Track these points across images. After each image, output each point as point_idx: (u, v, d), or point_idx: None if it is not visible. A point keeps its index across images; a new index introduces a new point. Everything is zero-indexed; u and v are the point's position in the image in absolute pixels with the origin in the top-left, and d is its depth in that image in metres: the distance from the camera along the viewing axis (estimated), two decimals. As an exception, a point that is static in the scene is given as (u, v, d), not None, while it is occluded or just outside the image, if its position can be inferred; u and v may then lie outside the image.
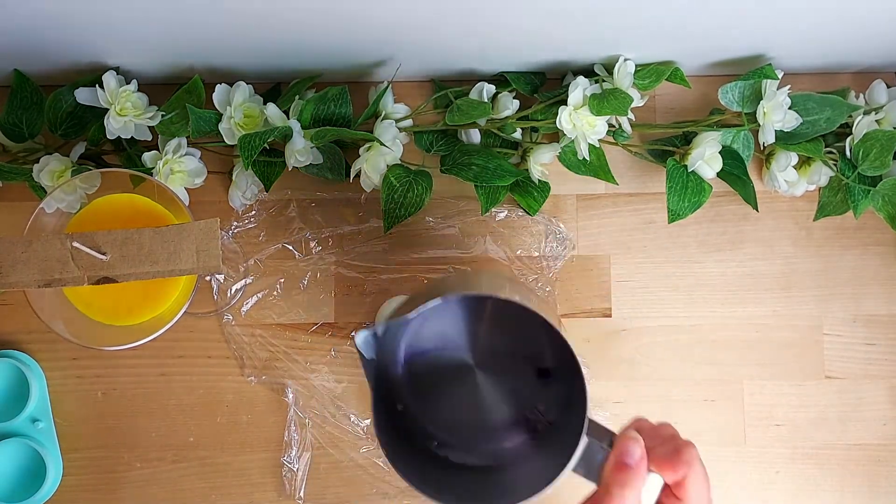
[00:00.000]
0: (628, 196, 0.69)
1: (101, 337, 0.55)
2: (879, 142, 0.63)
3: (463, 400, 0.56)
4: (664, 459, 0.47)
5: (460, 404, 0.56)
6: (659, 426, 0.50)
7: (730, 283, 0.69)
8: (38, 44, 0.59)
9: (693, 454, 0.47)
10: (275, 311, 0.68)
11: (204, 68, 0.64)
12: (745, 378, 0.68)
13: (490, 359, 0.56)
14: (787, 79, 0.65)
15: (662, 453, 0.47)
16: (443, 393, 0.56)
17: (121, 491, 0.66)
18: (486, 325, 0.56)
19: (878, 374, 0.68)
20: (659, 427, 0.49)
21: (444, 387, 0.56)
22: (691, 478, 0.46)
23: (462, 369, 0.56)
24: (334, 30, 0.58)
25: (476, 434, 0.56)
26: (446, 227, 0.68)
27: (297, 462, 0.66)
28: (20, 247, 0.50)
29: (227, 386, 0.67)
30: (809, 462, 0.68)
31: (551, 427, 0.55)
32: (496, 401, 0.56)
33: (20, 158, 0.65)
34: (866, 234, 0.69)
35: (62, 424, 0.66)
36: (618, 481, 0.46)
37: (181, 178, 0.63)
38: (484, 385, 0.56)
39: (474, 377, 0.56)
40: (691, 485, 0.46)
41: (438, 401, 0.56)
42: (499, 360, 0.56)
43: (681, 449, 0.47)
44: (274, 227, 0.68)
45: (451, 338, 0.56)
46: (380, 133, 0.64)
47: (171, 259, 0.51)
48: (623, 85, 0.63)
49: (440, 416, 0.56)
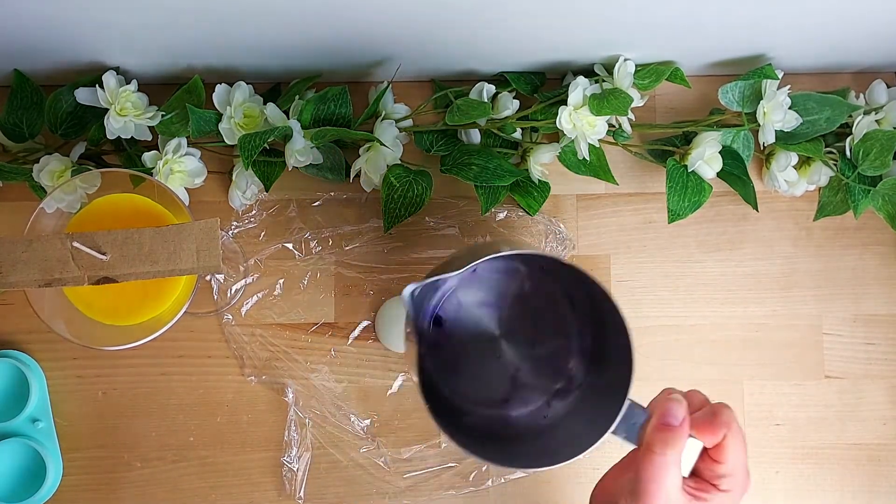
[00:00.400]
0: (628, 196, 0.69)
1: (101, 337, 0.55)
2: (879, 142, 0.63)
3: (490, 369, 0.58)
4: (702, 422, 0.47)
5: (487, 373, 0.58)
6: (689, 393, 0.50)
7: (730, 283, 0.69)
8: (38, 44, 0.59)
9: (731, 416, 0.47)
10: (275, 311, 0.68)
11: (204, 68, 0.64)
12: (745, 378, 0.68)
13: (518, 327, 0.58)
14: (787, 79, 0.65)
15: (700, 416, 0.47)
16: (468, 363, 0.58)
17: (121, 491, 0.66)
18: (513, 292, 0.58)
19: (878, 374, 0.68)
20: (689, 394, 0.50)
21: (471, 357, 0.58)
22: (730, 439, 0.46)
23: (488, 338, 0.58)
24: (334, 30, 0.58)
25: (505, 402, 0.58)
26: (446, 227, 0.68)
27: (297, 462, 0.66)
28: (20, 247, 0.50)
29: (227, 386, 0.67)
30: (809, 462, 0.68)
31: (583, 391, 0.56)
32: (525, 369, 0.58)
33: (20, 158, 0.65)
34: (866, 234, 0.69)
35: (62, 424, 0.66)
36: (661, 440, 0.46)
37: (181, 178, 0.63)
38: (511, 353, 0.58)
39: (500, 346, 0.57)
40: (730, 447, 0.46)
41: (464, 371, 0.58)
42: (527, 327, 0.58)
43: (718, 411, 0.47)
44: (274, 227, 0.68)
45: (476, 306, 0.58)
46: (380, 133, 0.64)
47: (171, 259, 0.51)
48: (623, 85, 0.63)
49: (464, 385, 0.58)
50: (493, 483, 0.67)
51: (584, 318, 0.57)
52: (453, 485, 0.67)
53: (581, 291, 0.57)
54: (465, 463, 0.67)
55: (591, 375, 0.57)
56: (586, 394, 0.56)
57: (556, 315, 0.58)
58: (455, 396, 0.58)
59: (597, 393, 0.55)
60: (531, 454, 0.54)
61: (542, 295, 0.58)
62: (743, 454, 0.47)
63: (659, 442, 0.46)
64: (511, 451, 0.54)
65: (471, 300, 0.58)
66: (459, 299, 0.58)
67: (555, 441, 0.55)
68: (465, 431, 0.54)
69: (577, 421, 0.55)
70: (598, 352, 0.57)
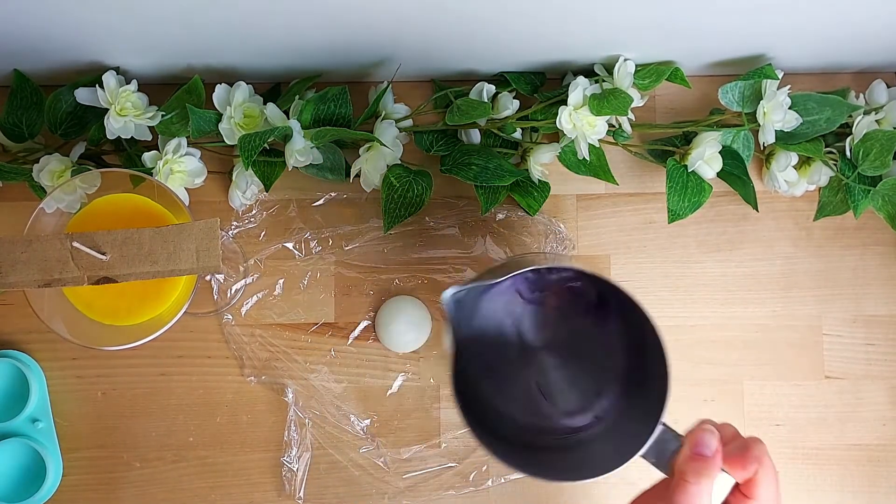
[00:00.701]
0: (628, 196, 0.69)
1: (101, 337, 0.55)
2: (879, 142, 0.63)
3: (526, 383, 0.57)
4: (734, 457, 0.46)
5: (521, 387, 0.57)
6: (721, 425, 0.49)
7: (730, 283, 0.69)
8: (38, 44, 0.59)
9: (763, 450, 0.46)
10: (275, 311, 0.68)
11: (204, 68, 0.64)
12: (745, 378, 0.68)
13: (557, 342, 0.57)
14: (787, 79, 0.65)
15: (732, 450, 0.47)
16: (504, 375, 0.58)
17: (121, 491, 0.66)
18: (553, 305, 0.58)
19: (878, 374, 0.68)
20: (721, 426, 0.49)
21: (506, 368, 0.58)
22: (761, 474, 0.46)
23: (526, 351, 0.57)
24: (334, 30, 0.58)
25: (538, 416, 0.57)
26: (446, 227, 0.68)
27: (297, 462, 0.66)
28: (20, 247, 0.50)
29: (227, 386, 0.67)
30: (809, 462, 0.68)
31: (617, 411, 0.56)
32: (561, 384, 0.57)
33: (20, 158, 0.65)
34: (866, 234, 0.69)
35: (62, 424, 0.66)
36: (694, 469, 0.45)
37: (181, 178, 0.62)
38: (547, 368, 0.57)
39: (537, 359, 0.57)
40: (762, 482, 0.46)
41: (498, 381, 0.58)
42: (565, 343, 0.58)
43: (750, 445, 0.47)
44: (274, 227, 0.68)
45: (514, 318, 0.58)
46: (380, 133, 0.64)
47: (171, 259, 0.51)
48: (623, 85, 0.63)
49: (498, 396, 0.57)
50: (493, 483, 0.67)
51: (623, 337, 0.57)
52: (453, 485, 0.67)
53: (621, 311, 0.56)
54: (465, 463, 0.67)
55: (626, 396, 0.56)
56: (620, 414, 0.56)
57: (595, 332, 0.58)
58: (488, 405, 0.57)
59: (631, 414, 0.54)
60: (559, 468, 0.53)
61: (582, 311, 0.58)
62: (775, 490, 0.46)
63: (692, 471, 0.45)
64: (539, 463, 0.54)
65: (510, 311, 0.58)
66: (499, 309, 0.58)
67: (584, 457, 0.54)
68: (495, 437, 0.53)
69: (608, 440, 0.55)
70: (635, 372, 0.56)
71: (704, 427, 0.47)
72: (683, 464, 0.46)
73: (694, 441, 0.46)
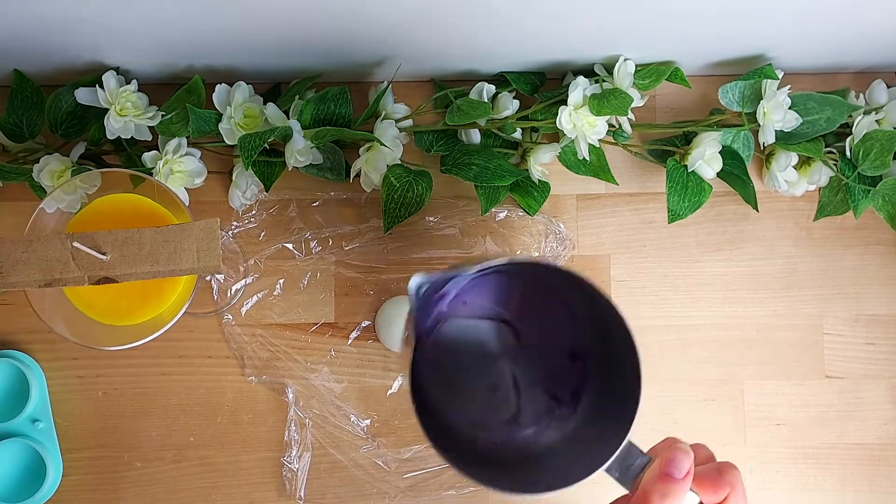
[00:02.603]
0: (628, 196, 0.69)
1: (101, 337, 0.55)
2: (879, 142, 0.63)
3: (488, 387, 0.54)
4: (707, 478, 0.45)
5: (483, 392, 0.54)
6: (696, 446, 0.48)
7: (730, 283, 0.69)
8: (38, 44, 0.59)
9: (737, 476, 0.45)
10: (275, 311, 0.68)
11: (204, 68, 0.65)
12: (745, 378, 0.68)
13: (522, 345, 0.54)
14: (787, 79, 0.65)
15: (704, 472, 0.45)
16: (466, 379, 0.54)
17: (121, 491, 0.66)
18: (517, 306, 0.55)
19: (878, 374, 0.68)
20: (696, 447, 0.47)
21: (469, 373, 0.55)
22: (732, 500, 0.44)
23: (490, 354, 0.54)
24: (334, 30, 0.58)
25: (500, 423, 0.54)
26: (446, 227, 0.68)
27: (297, 462, 0.66)
28: (21, 247, 0.50)
29: (227, 386, 0.67)
30: (809, 462, 0.68)
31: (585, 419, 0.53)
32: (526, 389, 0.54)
33: (20, 158, 0.65)
34: (867, 234, 0.69)
35: (62, 424, 0.66)
36: (660, 491, 0.44)
37: (181, 178, 0.63)
38: (511, 372, 0.54)
39: (500, 363, 0.54)
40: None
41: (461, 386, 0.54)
42: (532, 346, 0.54)
43: (724, 470, 0.45)
44: (274, 227, 0.68)
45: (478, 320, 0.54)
46: (380, 133, 0.64)
47: (171, 259, 0.51)
48: (623, 85, 0.63)
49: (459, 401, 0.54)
50: (493, 483, 0.67)
51: (594, 340, 0.54)
52: (453, 485, 0.67)
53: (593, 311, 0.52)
54: (465, 463, 0.67)
55: (595, 404, 0.53)
56: (588, 422, 0.53)
57: (563, 335, 0.55)
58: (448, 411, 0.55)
59: (599, 423, 0.51)
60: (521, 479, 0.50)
61: (550, 312, 0.55)
62: None
63: (658, 492, 0.44)
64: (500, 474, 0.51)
65: (473, 312, 0.55)
66: (461, 311, 0.55)
67: (547, 468, 0.52)
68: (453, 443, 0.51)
69: (571, 451, 0.52)
70: (605, 378, 0.53)
71: (679, 446, 0.45)
72: (650, 483, 0.44)
73: (665, 460, 0.44)
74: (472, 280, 0.53)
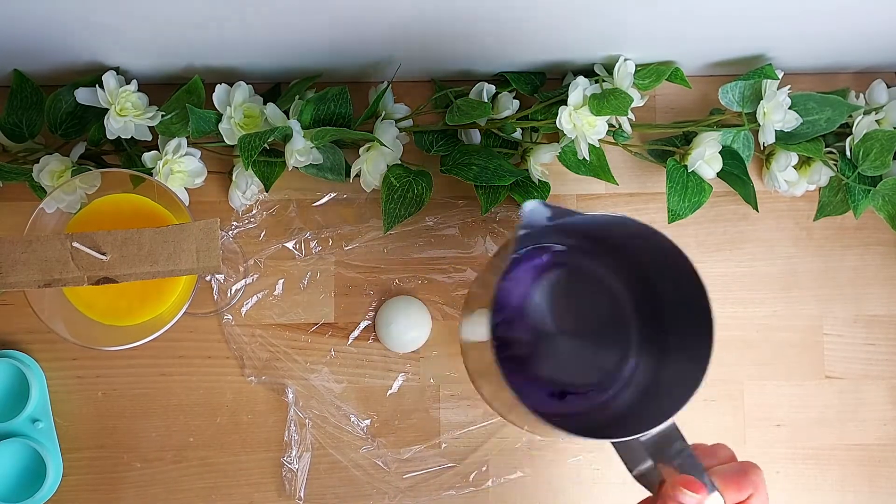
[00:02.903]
0: (628, 196, 0.69)
1: (101, 337, 0.55)
2: (879, 142, 0.63)
3: (548, 359, 0.58)
4: (730, 478, 0.45)
5: (544, 363, 0.58)
6: (715, 447, 0.48)
7: (730, 283, 0.69)
8: (37, 44, 0.59)
9: (760, 476, 0.45)
10: (275, 311, 0.68)
11: (204, 68, 0.64)
12: (745, 378, 0.68)
13: (576, 322, 0.58)
14: (787, 79, 0.65)
15: (728, 471, 0.45)
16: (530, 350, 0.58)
17: (121, 491, 0.66)
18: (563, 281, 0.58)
19: (878, 374, 0.68)
20: (716, 447, 0.48)
21: (531, 345, 0.58)
22: (755, 500, 0.45)
23: (548, 331, 0.58)
24: (334, 30, 0.58)
25: (560, 393, 0.57)
26: (446, 227, 0.68)
27: (297, 462, 0.66)
28: (20, 247, 0.50)
29: (227, 386, 0.67)
30: (809, 462, 0.68)
31: (639, 387, 0.56)
32: (581, 362, 0.58)
33: (20, 158, 0.65)
34: (867, 234, 0.69)
35: (62, 424, 0.66)
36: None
37: (181, 178, 0.63)
38: (567, 346, 0.58)
39: (557, 340, 0.57)
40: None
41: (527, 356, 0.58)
42: (587, 324, 0.58)
43: (748, 470, 0.45)
44: (274, 227, 0.68)
45: (537, 298, 0.58)
46: (380, 133, 0.64)
47: (171, 259, 0.51)
48: (623, 85, 0.63)
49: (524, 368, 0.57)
50: (493, 483, 0.67)
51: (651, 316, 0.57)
52: (453, 485, 0.67)
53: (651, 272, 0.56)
54: (465, 463, 0.67)
55: (656, 357, 0.56)
56: (643, 389, 0.56)
57: (609, 305, 0.58)
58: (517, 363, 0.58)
59: (655, 392, 0.54)
60: (584, 427, 0.52)
61: (605, 291, 0.58)
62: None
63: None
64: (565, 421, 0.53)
65: (533, 290, 0.58)
66: (523, 288, 0.58)
67: (611, 420, 0.55)
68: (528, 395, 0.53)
69: (627, 416, 0.55)
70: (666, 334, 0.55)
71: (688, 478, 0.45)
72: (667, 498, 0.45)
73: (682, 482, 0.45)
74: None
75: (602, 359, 0.58)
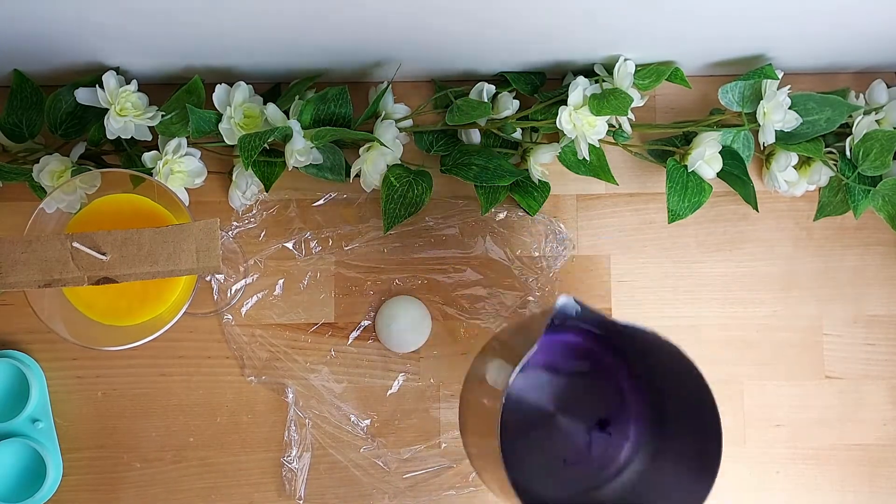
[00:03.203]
0: (628, 196, 0.69)
1: (101, 337, 0.55)
2: (879, 142, 0.63)
3: (543, 443, 0.61)
4: None
5: (540, 448, 0.61)
6: None
7: (730, 283, 0.69)
8: (37, 44, 0.59)
9: None
10: (275, 311, 0.68)
11: (204, 68, 0.64)
12: (745, 378, 0.68)
13: (575, 404, 0.61)
14: (787, 79, 0.65)
15: None
16: (528, 433, 0.61)
17: (121, 491, 0.66)
18: (570, 368, 0.62)
19: (878, 374, 0.68)
20: None
21: (529, 428, 0.61)
22: None
23: (545, 413, 0.61)
24: (334, 30, 0.58)
25: (556, 477, 0.61)
26: (446, 227, 0.68)
27: (297, 462, 0.66)
28: (20, 247, 0.50)
29: (227, 386, 0.67)
30: (809, 462, 0.68)
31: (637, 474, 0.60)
32: (578, 446, 0.61)
33: (20, 158, 0.65)
34: (866, 235, 0.69)
35: (62, 424, 0.66)
36: None
37: (181, 178, 0.62)
38: (565, 429, 0.61)
39: (555, 421, 0.61)
40: None
41: (524, 439, 0.61)
42: (584, 405, 0.61)
43: None
44: (274, 227, 0.68)
45: (536, 380, 0.62)
46: (380, 133, 0.64)
47: (171, 259, 0.51)
48: (623, 85, 0.63)
49: (522, 452, 0.61)
50: (493, 483, 0.67)
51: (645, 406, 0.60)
52: (453, 485, 0.67)
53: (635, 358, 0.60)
54: (465, 463, 0.67)
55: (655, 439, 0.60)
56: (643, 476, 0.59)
57: (612, 394, 0.61)
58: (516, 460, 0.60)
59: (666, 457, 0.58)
60: None
61: (601, 373, 0.62)
62: None
63: None
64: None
65: (532, 373, 0.61)
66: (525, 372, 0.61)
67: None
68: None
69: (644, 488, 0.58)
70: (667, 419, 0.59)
71: None
72: None
73: None
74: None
75: (597, 441, 0.61)
